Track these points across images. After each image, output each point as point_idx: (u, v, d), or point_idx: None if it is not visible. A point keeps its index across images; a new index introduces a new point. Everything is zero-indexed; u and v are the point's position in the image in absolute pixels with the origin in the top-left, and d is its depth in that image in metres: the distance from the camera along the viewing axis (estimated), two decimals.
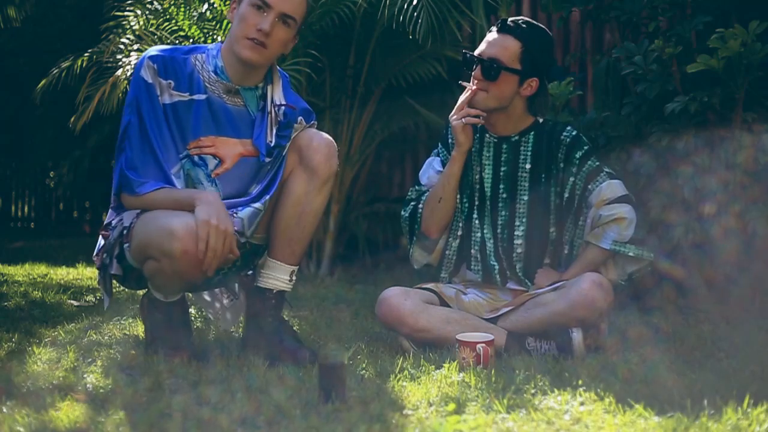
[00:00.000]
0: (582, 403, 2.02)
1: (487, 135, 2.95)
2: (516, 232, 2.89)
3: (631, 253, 2.80)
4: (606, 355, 2.57)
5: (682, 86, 3.30)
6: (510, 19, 2.86)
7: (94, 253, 2.67)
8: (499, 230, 2.90)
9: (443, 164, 2.98)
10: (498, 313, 2.80)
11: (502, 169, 2.92)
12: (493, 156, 2.93)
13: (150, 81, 2.54)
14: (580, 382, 2.19)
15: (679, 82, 3.30)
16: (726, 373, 2.30)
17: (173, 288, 2.56)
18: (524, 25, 2.84)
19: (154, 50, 2.60)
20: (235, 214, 2.51)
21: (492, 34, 2.86)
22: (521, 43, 2.82)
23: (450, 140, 2.97)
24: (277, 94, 2.65)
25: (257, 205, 2.56)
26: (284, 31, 2.55)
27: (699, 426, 1.81)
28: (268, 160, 2.61)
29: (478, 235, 2.92)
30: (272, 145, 2.62)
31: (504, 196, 2.90)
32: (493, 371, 2.36)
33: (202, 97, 2.58)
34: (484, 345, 2.46)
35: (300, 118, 2.69)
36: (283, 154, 2.64)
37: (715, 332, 2.90)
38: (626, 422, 1.87)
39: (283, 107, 2.65)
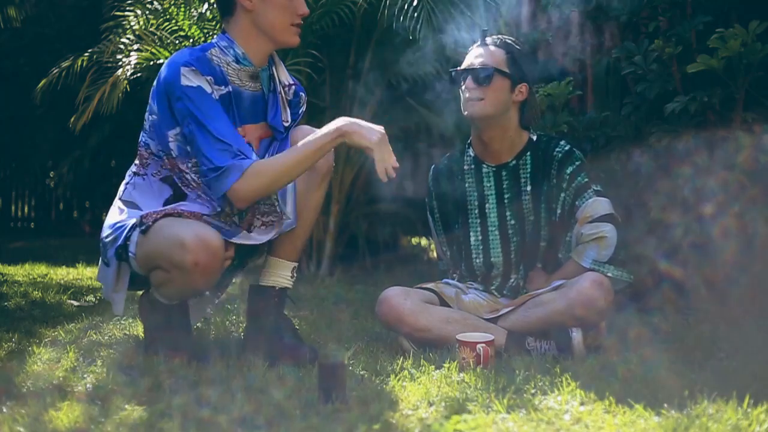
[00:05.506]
0: (582, 403, 2.02)
1: (484, 166, 2.96)
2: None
3: (609, 274, 2.78)
4: (606, 355, 2.57)
5: (682, 86, 3.30)
6: (489, 36, 2.94)
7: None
8: (512, 256, 2.92)
9: (431, 213, 3.06)
10: (498, 314, 2.80)
11: (506, 196, 2.92)
12: (494, 185, 2.93)
13: (196, 84, 2.48)
14: (580, 382, 2.19)
15: (679, 82, 3.30)
16: (726, 373, 2.30)
17: (181, 297, 2.56)
18: (504, 38, 2.94)
19: (179, 59, 2.52)
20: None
21: (474, 50, 2.93)
22: (504, 51, 2.89)
23: (430, 186, 3.04)
24: (283, 75, 2.72)
25: None
26: None
27: (699, 426, 1.81)
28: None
29: (491, 261, 2.94)
30: (288, 124, 2.68)
31: (512, 222, 2.91)
32: (493, 371, 2.36)
33: (229, 89, 2.57)
34: (484, 345, 2.46)
35: (302, 94, 2.79)
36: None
37: (715, 332, 2.90)
38: (626, 422, 1.87)
39: (293, 87, 2.73)
